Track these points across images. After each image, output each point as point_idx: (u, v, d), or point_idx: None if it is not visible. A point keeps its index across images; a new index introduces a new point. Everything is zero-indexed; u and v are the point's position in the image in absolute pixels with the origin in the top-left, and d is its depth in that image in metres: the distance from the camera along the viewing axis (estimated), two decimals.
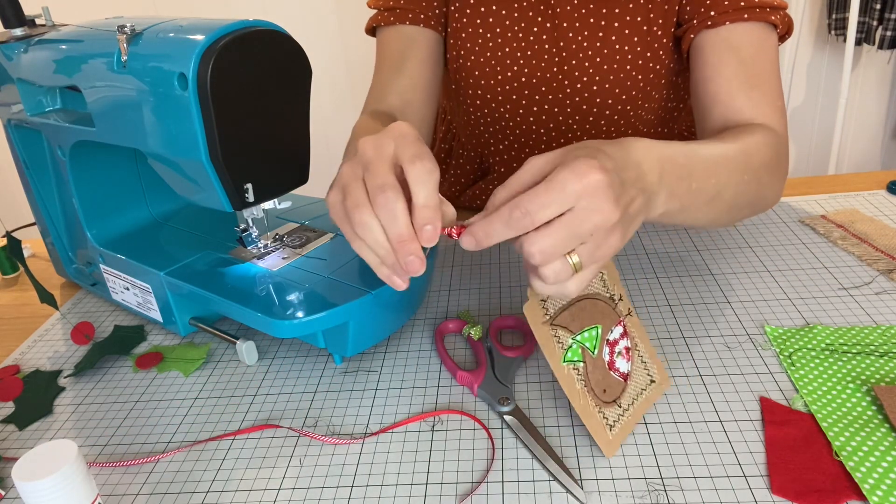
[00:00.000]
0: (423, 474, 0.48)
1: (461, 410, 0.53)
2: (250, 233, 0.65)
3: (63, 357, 0.67)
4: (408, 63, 0.80)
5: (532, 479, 0.46)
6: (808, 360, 0.54)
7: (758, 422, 0.49)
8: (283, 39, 0.54)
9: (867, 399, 0.50)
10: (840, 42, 1.96)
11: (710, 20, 0.69)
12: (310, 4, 2.02)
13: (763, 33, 0.69)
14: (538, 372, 0.56)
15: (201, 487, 0.49)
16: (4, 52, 0.70)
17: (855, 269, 0.66)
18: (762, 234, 0.74)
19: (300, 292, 0.57)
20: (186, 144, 0.53)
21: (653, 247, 0.74)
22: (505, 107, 0.82)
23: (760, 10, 0.68)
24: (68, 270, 0.79)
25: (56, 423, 0.58)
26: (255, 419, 0.55)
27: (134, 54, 0.55)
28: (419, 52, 0.81)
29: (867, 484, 0.42)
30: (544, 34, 0.78)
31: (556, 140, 0.84)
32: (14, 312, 0.78)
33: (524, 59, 0.79)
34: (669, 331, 0.60)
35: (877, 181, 0.84)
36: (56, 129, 0.68)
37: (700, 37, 0.70)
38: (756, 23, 0.68)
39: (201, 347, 0.65)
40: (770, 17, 0.68)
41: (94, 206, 0.71)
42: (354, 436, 0.52)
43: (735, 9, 0.68)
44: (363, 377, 0.59)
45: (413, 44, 0.81)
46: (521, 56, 0.79)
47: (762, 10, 0.68)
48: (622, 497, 0.44)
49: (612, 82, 0.77)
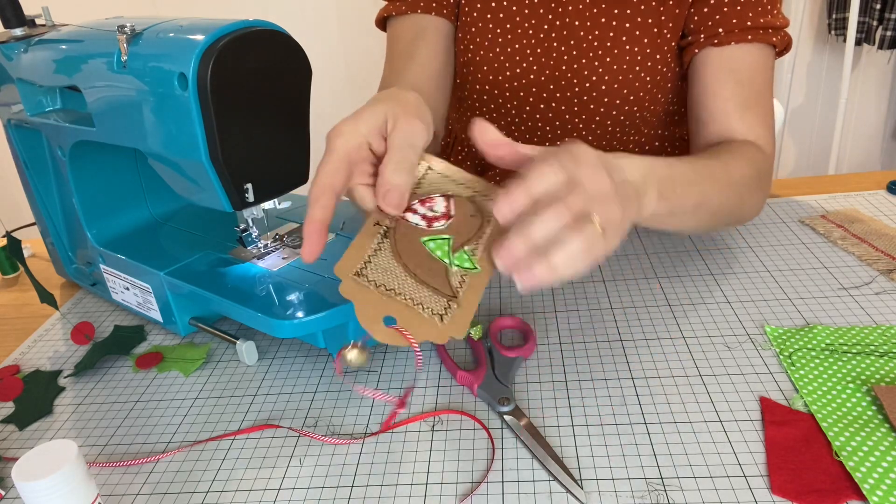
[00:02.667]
0: (423, 474, 0.48)
1: (461, 410, 0.53)
2: (250, 233, 0.65)
3: (63, 357, 0.67)
4: (419, 51, 0.79)
5: (532, 479, 0.46)
6: (808, 360, 0.54)
7: (758, 422, 0.49)
8: (283, 39, 0.54)
9: (867, 399, 0.50)
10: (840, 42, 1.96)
11: (716, 38, 0.70)
12: (310, 4, 2.03)
13: (762, 54, 0.71)
14: (538, 372, 0.56)
15: (201, 487, 0.49)
16: (4, 52, 0.70)
17: (855, 269, 0.66)
18: (762, 234, 0.74)
19: (300, 292, 0.57)
20: (186, 144, 0.53)
21: (653, 247, 0.74)
22: (512, 103, 0.82)
23: (764, 31, 0.70)
24: (68, 270, 0.79)
25: (56, 423, 0.58)
26: (255, 419, 0.55)
27: (134, 54, 0.55)
28: (431, 40, 0.80)
29: (867, 484, 0.42)
30: (553, 32, 0.78)
31: (560, 138, 0.84)
32: (14, 312, 0.78)
33: (533, 56, 0.79)
34: (669, 331, 0.60)
35: (877, 181, 0.84)
36: (56, 129, 0.68)
37: (703, 53, 0.72)
38: (758, 44, 0.70)
39: (201, 347, 0.65)
40: (772, 39, 0.70)
41: (94, 206, 0.71)
42: (354, 436, 0.52)
43: (741, 28, 0.69)
44: (363, 377, 0.59)
45: (424, 32, 0.80)
46: (530, 53, 0.79)
47: (765, 32, 0.70)
48: (622, 497, 0.44)
49: (620, 82, 0.77)
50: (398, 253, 0.47)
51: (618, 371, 0.55)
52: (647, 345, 0.58)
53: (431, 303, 0.46)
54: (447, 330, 0.45)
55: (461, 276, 0.47)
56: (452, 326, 0.45)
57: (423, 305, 0.45)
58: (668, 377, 0.54)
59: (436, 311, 0.45)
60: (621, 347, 0.58)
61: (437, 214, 0.49)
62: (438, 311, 0.45)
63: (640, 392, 0.53)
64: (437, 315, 0.45)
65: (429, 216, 0.49)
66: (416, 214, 0.49)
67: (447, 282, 0.47)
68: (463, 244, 0.48)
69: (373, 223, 0.48)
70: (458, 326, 0.45)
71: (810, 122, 2.18)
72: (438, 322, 0.45)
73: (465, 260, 0.48)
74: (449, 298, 0.46)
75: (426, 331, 0.44)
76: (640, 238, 0.76)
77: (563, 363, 0.57)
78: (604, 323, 0.62)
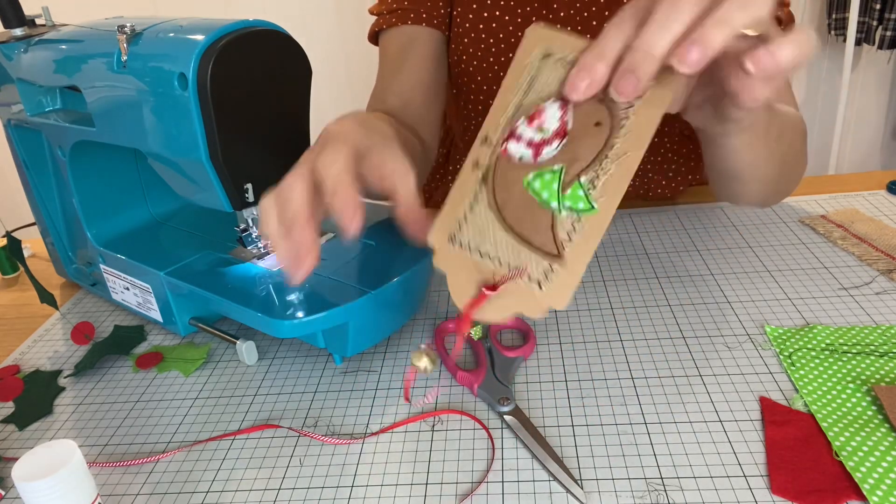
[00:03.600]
0: (423, 474, 0.48)
1: (461, 410, 0.53)
2: (250, 233, 0.65)
3: (63, 357, 0.67)
4: (408, 62, 0.78)
5: (532, 479, 0.46)
6: (808, 360, 0.54)
7: (758, 422, 0.49)
8: (283, 39, 0.54)
9: (867, 399, 0.50)
10: (840, 42, 1.96)
11: None
12: (310, 4, 2.03)
13: None
14: (538, 372, 0.56)
15: (201, 487, 0.49)
16: (4, 52, 0.70)
17: (855, 269, 0.66)
18: (762, 234, 0.74)
19: (300, 292, 0.57)
20: (186, 144, 0.53)
21: (653, 247, 0.74)
22: None
23: None
24: (68, 270, 0.79)
25: (56, 423, 0.58)
26: (255, 419, 0.55)
27: (134, 54, 0.55)
28: (420, 51, 0.79)
29: (867, 484, 0.42)
30: None
31: None
32: (14, 312, 0.78)
33: None
34: (669, 331, 0.60)
35: (877, 181, 0.84)
36: (56, 129, 0.68)
37: None
38: None
39: (201, 347, 0.65)
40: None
41: (94, 206, 0.71)
42: (354, 436, 0.52)
43: None
44: (363, 377, 0.59)
45: (414, 43, 0.79)
46: None
47: None
48: (622, 497, 0.44)
49: None
50: (496, 203, 0.37)
51: (618, 371, 0.55)
52: (647, 345, 0.58)
53: (531, 266, 0.37)
54: (546, 299, 0.36)
55: (572, 222, 0.36)
56: (553, 295, 0.36)
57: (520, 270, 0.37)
58: (668, 377, 0.54)
59: (534, 276, 0.36)
60: (621, 347, 0.58)
61: (549, 135, 0.37)
62: (537, 278, 0.36)
63: (640, 392, 0.53)
64: (535, 282, 0.36)
65: (536, 141, 0.37)
66: (521, 142, 0.38)
67: (552, 236, 0.36)
68: (580, 173, 0.36)
69: (472, 164, 0.38)
70: (560, 294, 0.36)
71: (810, 122, 2.16)
72: (537, 290, 0.36)
73: (580, 197, 0.36)
74: (552, 259, 0.36)
75: (519, 302, 0.36)
76: (640, 238, 0.76)
77: (563, 363, 0.57)
78: (604, 323, 0.62)
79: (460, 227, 0.38)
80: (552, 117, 0.37)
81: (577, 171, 0.36)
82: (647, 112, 0.36)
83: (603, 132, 0.36)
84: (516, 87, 0.38)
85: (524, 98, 0.38)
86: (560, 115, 0.37)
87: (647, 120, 0.36)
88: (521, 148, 0.37)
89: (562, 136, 0.37)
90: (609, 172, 0.36)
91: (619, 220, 0.81)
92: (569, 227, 0.36)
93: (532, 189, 0.37)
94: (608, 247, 0.75)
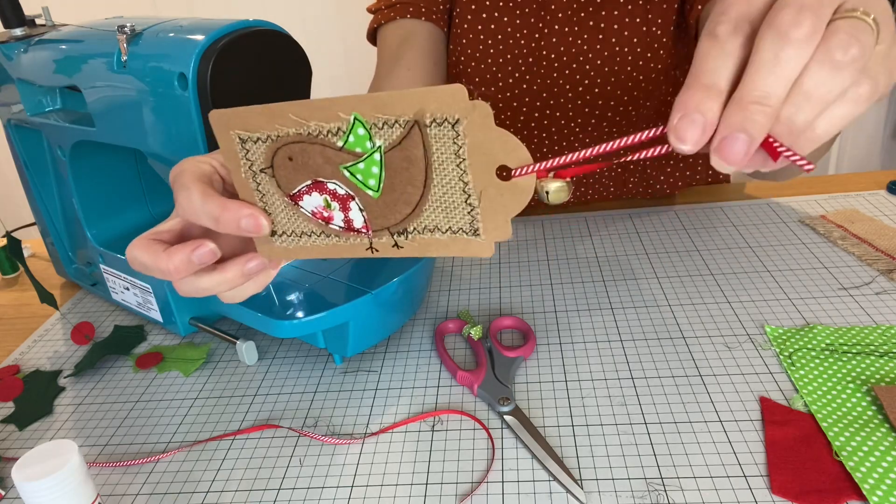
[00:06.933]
0: (423, 474, 0.48)
1: (461, 410, 0.53)
2: None
3: (63, 357, 0.67)
4: (406, 55, 0.77)
5: (532, 479, 0.46)
6: (808, 360, 0.54)
7: (758, 422, 0.49)
8: (283, 39, 0.54)
9: (867, 399, 0.50)
10: None
11: None
12: (310, 4, 2.02)
13: None
14: (538, 372, 0.56)
15: (201, 487, 0.49)
16: (4, 52, 0.70)
17: (855, 269, 0.66)
18: (762, 234, 0.74)
19: (300, 292, 0.57)
20: (186, 144, 0.53)
21: (653, 247, 0.74)
22: (505, 113, 0.82)
23: None
24: (68, 270, 0.79)
25: (56, 423, 0.58)
26: (255, 419, 0.55)
27: (134, 54, 0.55)
28: (418, 44, 0.78)
29: (867, 484, 0.42)
30: (543, 41, 0.78)
31: (558, 143, 0.84)
32: (14, 312, 0.78)
33: (525, 66, 0.79)
34: (669, 331, 0.60)
35: (877, 181, 0.84)
36: (56, 129, 0.68)
37: (707, 6, 0.70)
38: None
39: (201, 347, 0.65)
40: None
41: (94, 206, 0.71)
42: (354, 436, 0.52)
43: None
44: (363, 377, 0.59)
45: (412, 36, 0.78)
46: (521, 63, 0.79)
47: None
48: (622, 497, 0.44)
49: (613, 84, 0.77)
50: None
51: (618, 371, 0.55)
52: (647, 345, 0.58)
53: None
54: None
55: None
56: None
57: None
58: (668, 377, 0.54)
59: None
60: (621, 347, 0.58)
61: (332, 210, 0.37)
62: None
63: (640, 392, 0.53)
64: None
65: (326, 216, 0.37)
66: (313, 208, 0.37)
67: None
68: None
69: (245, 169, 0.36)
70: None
71: None
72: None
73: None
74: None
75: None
76: (641, 238, 0.76)
77: (563, 363, 0.57)
78: (604, 323, 0.62)
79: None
80: (314, 203, 0.36)
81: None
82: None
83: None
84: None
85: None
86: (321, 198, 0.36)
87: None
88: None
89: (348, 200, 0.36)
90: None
91: (620, 219, 0.81)
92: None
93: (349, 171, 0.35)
94: (608, 247, 0.75)
